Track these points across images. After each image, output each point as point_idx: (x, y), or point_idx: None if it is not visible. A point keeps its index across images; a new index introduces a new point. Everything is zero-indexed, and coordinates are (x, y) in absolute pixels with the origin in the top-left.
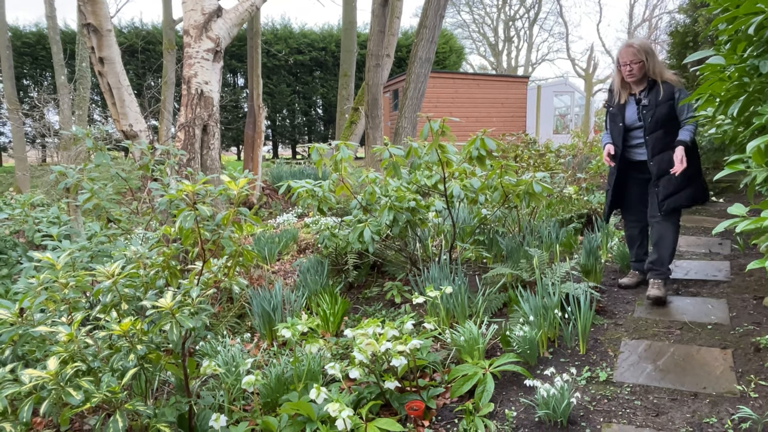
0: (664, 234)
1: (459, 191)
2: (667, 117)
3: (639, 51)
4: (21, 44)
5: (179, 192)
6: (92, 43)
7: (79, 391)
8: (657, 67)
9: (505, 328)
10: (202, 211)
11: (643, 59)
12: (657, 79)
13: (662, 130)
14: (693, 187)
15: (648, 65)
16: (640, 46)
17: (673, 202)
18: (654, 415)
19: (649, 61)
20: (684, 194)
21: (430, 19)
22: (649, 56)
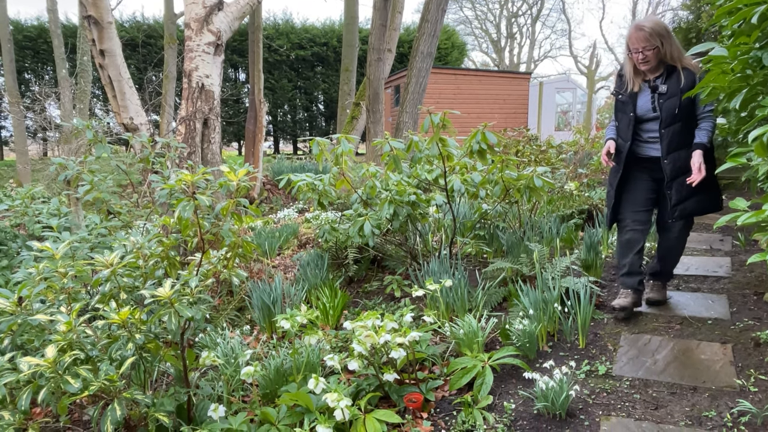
0: (674, 246)
1: (460, 185)
2: (688, 109)
3: (652, 35)
4: (22, 38)
5: (178, 182)
6: (93, 35)
7: (77, 379)
8: (675, 51)
9: (504, 321)
10: (202, 201)
11: (658, 44)
12: (676, 64)
13: (680, 124)
14: (708, 193)
15: (664, 50)
16: (653, 29)
17: (687, 209)
18: (653, 408)
19: (665, 45)
20: (699, 200)
21: (432, 13)
22: (665, 39)
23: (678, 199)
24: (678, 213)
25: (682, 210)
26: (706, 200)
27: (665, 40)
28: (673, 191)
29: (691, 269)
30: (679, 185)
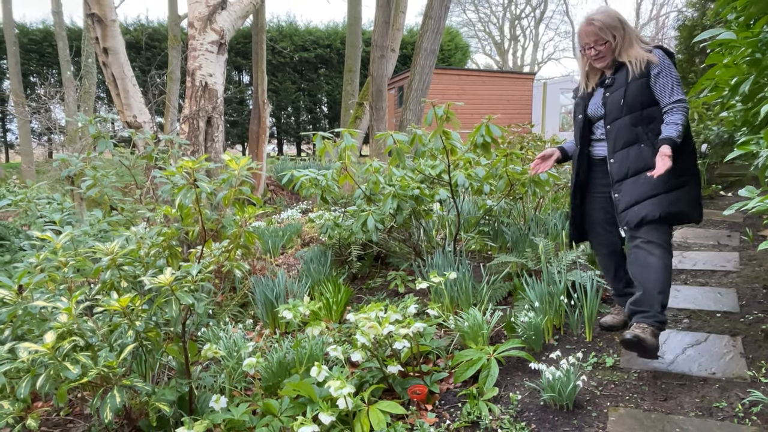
0: (646, 262)
1: (464, 180)
2: (638, 100)
3: (603, 28)
4: (28, 41)
5: (179, 168)
6: (96, 33)
7: (77, 365)
8: (627, 44)
9: (509, 315)
10: (203, 188)
11: (609, 38)
12: (623, 59)
13: (629, 117)
14: (676, 195)
15: (616, 44)
16: (604, 23)
17: (640, 213)
18: (662, 399)
19: (618, 38)
20: (658, 203)
21: (435, 10)
22: (617, 32)
23: (627, 202)
24: (627, 218)
25: (631, 215)
26: (669, 204)
27: (618, 32)
28: (621, 194)
29: (699, 264)
30: (631, 185)
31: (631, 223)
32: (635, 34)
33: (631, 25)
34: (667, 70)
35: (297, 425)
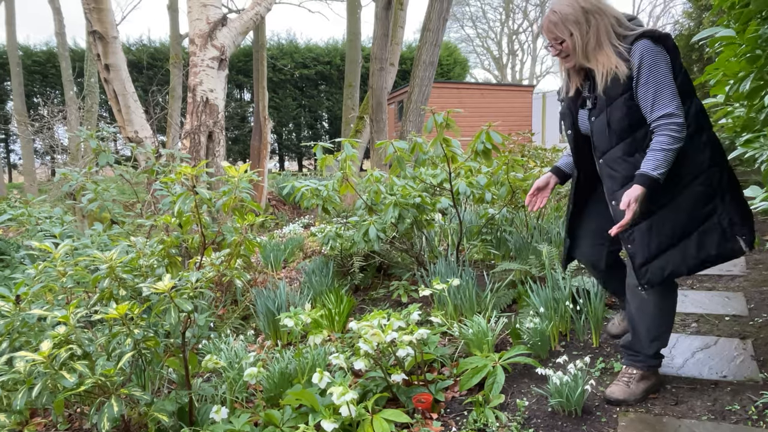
0: (643, 305)
1: (465, 188)
2: (625, 123)
3: (559, 23)
4: (31, 63)
5: (178, 174)
6: (98, 50)
7: (73, 373)
8: (595, 47)
9: (514, 321)
10: (202, 193)
11: (565, 37)
12: (591, 64)
13: (621, 147)
14: (704, 233)
15: (576, 44)
16: (562, 15)
17: (664, 268)
18: (673, 404)
19: (577, 36)
20: (684, 251)
21: (434, 22)
22: (578, 28)
23: (644, 256)
24: (648, 279)
25: (654, 273)
26: (699, 248)
27: (579, 28)
28: (634, 245)
29: None
30: (642, 234)
31: (654, 281)
32: (609, 27)
33: (608, 14)
34: (648, 72)
35: None
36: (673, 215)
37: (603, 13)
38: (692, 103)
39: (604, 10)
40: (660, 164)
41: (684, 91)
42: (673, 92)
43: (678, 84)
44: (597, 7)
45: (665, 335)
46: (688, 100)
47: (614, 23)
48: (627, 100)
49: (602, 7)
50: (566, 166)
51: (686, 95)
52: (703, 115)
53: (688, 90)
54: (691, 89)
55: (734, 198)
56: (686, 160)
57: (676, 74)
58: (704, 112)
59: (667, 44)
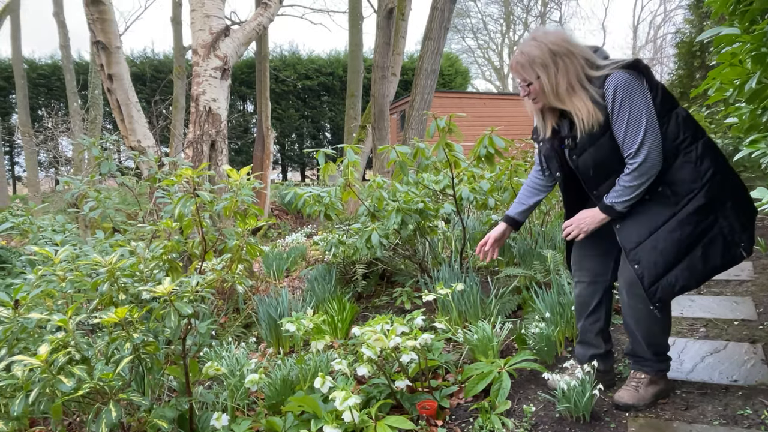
0: (636, 314)
1: (468, 194)
2: (613, 160)
3: (526, 66)
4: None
5: (178, 177)
6: (102, 60)
7: (71, 378)
8: (567, 91)
9: (520, 327)
10: (203, 196)
11: (532, 80)
12: (564, 105)
13: (612, 180)
14: (709, 244)
15: (543, 88)
16: (530, 57)
17: (674, 284)
18: (683, 409)
19: (545, 80)
20: (691, 266)
21: (435, 31)
22: (546, 71)
23: (654, 275)
24: (658, 296)
25: (665, 290)
26: (705, 261)
27: (547, 71)
28: (641, 265)
29: None
30: (647, 254)
31: (666, 299)
32: (579, 70)
33: (578, 56)
34: (619, 109)
35: None
36: (677, 232)
37: (572, 55)
38: (675, 116)
39: (574, 51)
40: (621, 197)
41: (663, 109)
42: (645, 127)
43: (657, 103)
44: (566, 49)
45: (662, 339)
46: (667, 116)
47: (584, 65)
48: (610, 139)
49: (572, 49)
50: (520, 214)
51: (666, 111)
52: (690, 123)
53: (668, 105)
54: (671, 103)
55: (736, 204)
56: (684, 176)
57: (654, 94)
58: (690, 120)
59: (638, 67)
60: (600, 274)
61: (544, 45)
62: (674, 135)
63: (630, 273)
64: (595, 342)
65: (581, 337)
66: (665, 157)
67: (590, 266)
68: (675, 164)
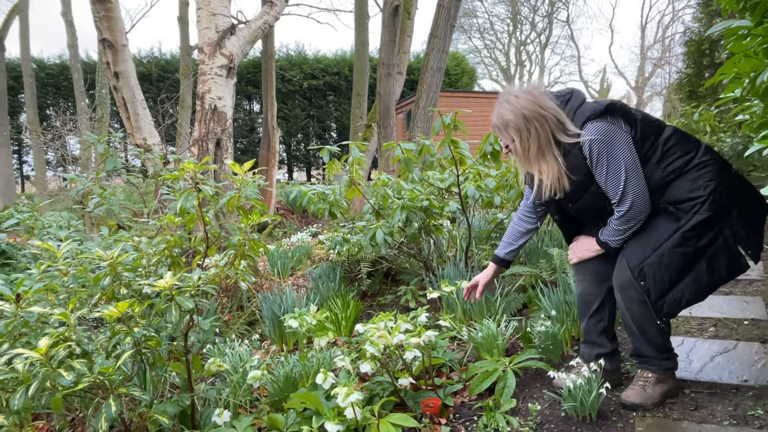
0: (635, 317)
1: (474, 191)
2: (601, 202)
3: (501, 128)
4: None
5: (181, 171)
6: (108, 58)
7: (71, 372)
8: (537, 154)
9: (525, 325)
10: (205, 190)
11: (508, 142)
12: (535, 173)
13: (599, 214)
14: (713, 258)
15: (518, 149)
16: (503, 120)
17: (680, 299)
18: (692, 408)
19: (518, 143)
20: (697, 280)
21: (441, 29)
22: (520, 134)
23: (660, 291)
24: (665, 312)
25: (671, 304)
26: (711, 273)
27: (521, 135)
28: (647, 280)
29: None
30: (653, 268)
31: (672, 313)
32: (550, 135)
33: (549, 120)
34: (599, 162)
35: None
36: (682, 246)
37: (544, 119)
38: (663, 142)
39: (545, 115)
40: (614, 236)
41: (647, 141)
42: (625, 177)
43: (638, 139)
44: (538, 114)
45: (660, 339)
46: (653, 146)
47: (554, 128)
48: (597, 190)
49: (543, 113)
50: (508, 254)
51: (651, 141)
52: (681, 140)
53: (653, 133)
54: (655, 129)
55: (742, 211)
56: (684, 193)
57: (633, 129)
58: (681, 137)
59: (612, 110)
60: (602, 273)
61: (517, 110)
62: (666, 161)
63: (622, 275)
64: (600, 341)
65: (585, 336)
66: (662, 183)
67: (592, 265)
68: (674, 184)
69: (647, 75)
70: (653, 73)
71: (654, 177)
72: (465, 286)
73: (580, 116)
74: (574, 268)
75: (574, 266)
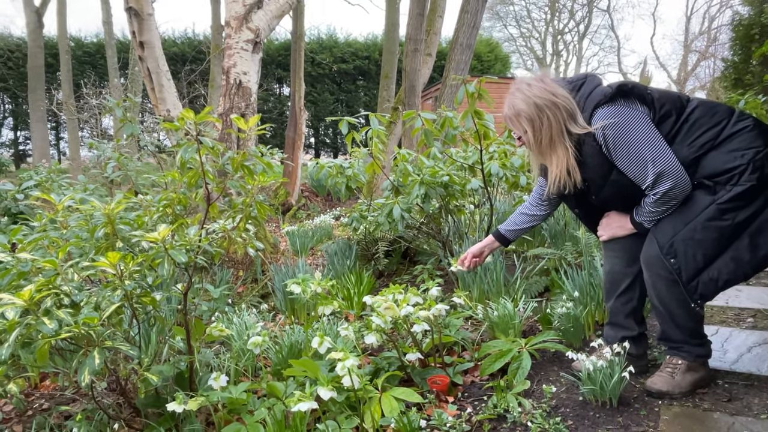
0: (662, 296)
1: (498, 169)
2: (627, 189)
3: (513, 118)
4: (82, 53)
5: (180, 120)
6: (134, 27)
7: (54, 320)
8: (549, 145)
9: (545, 306)
10: (206, 142)
11: (521, 133)
12: (548, 165)
13: (628, 201)
14: (757, 232)
15: (531, 139)
16: (516, 109)
17: (717, 279)
18: (725, 400)
19: (531, 134)
20: (737, 258)
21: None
22: (532, 124)
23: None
24: (700, 293)
25: (706, 285)
26: (754, 250)
27: (533, 124)
28: (679, 257)
29: None
30: (684, 245)
31: (708, 295)
32: (562, 124)
33: (561, 108)
34: (616, 147)
35: (294, 401)
36: (718, 220)
37: (556, 107)
38: (688, 115)
39: (558, 103)
40: (649, 216)
41: (665, 113)
42: (651, 156)
43: (659, 116)
44: (551, 101)
45: (689, 323)
46: (677, 121)
47: (566, 117)
48: (618, 178)
49: (556, 101)
50: (510, 233)
51: (676, 117)
52: (710, 110)
53: (676, 108)
54: (677, 104)
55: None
56: (720, 164)
57: (651, 109)
58: (710, 107)
59: (623, 91)
60: (635, 250)
61: (528, 98)
62: (693, 136)
63: (650, 251)
64: (627, 323)
65: (611, 318)
66: (694, 159)
67: (624, 241)
68: (708, 158)
69: (690, 68)
70: (697, 64)
71: (681, 154)
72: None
73: (590, 103)
74: (603, 244)
75: (603, 242)
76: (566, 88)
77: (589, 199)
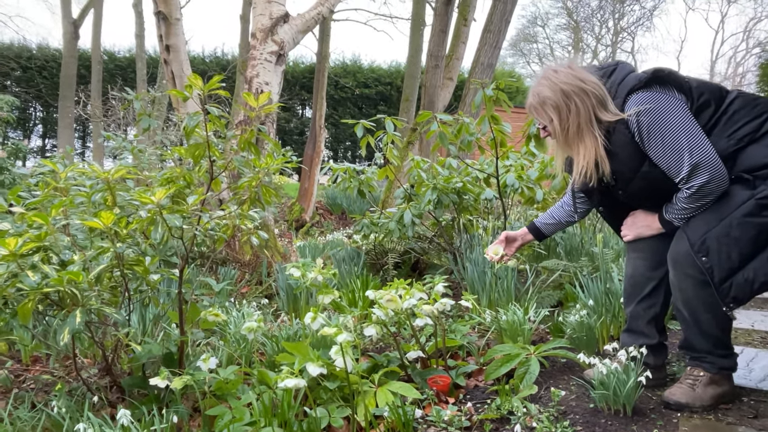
0: (688, 299)
1: (513, 180)
2: (666, 179)
3: (538, 107)
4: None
5: (188, 88)
6: (161, 31)
7: (37, 273)
8: (576, 134)
9: (557, 315)
10: (212, 111)
11: (546, 122)
12: (574, 156)
13: (658, 197)
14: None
15: (557, 128)
16: (542, 97)
17: (754, 280)
18: (751, 416)
19: (556, 122)
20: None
21: (495, 23)
22: (559, 113)
23: (727, 269)
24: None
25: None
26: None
27: (560, 113)
28: (710, 257)
29: None
30: (717, 242)
31: (742, 298)
32: (590, 112)
33: (590, 95)
34: (650, 135)
35: (281, 378)
36: (756, 217)
37: (585, 93)
38: (728, 105)
39: (586, 89)
40: (680, 214)
41: (703, 103)
42: (687, 145)
43: (697, 105)
44: (579, 88)
45: (715, 331)
46: (717, 110)
47: (596, 105)
48: (652, 165)
49: (584, 87)
50: (546, 228)
51: (716, 106)
52: (750, 101)
53: (715, 97)
54: (716, 93)
55: None
56: (761, 158)
57: (688, 97)
58: (748, 98)
59: (659, 77)
60: (662, 252)
61: (555, 85)
62: (732, 128)
63: (679, 248)
64: (647, 330)
65: (630, 324)
66: (732, 152)
67: (650, 242)
68: (747, 151)
69: None
70: None
71: (719, 147)
72: (491, 252)
73: (623, 89)
74: (627, 246)
75: (627, 243)
76: (596, 75)
77: (615, 194)
